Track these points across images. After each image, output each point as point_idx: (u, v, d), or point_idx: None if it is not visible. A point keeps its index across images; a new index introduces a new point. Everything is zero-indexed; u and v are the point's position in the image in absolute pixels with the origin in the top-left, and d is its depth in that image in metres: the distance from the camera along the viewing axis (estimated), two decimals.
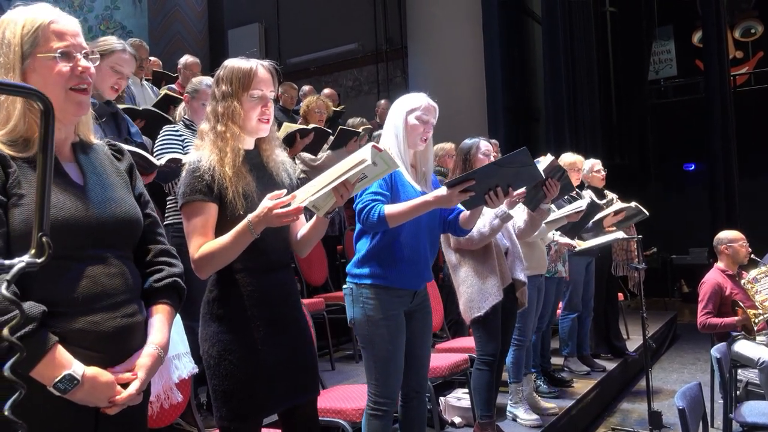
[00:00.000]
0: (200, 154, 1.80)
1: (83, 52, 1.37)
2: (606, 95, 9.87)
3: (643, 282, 4.18)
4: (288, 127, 4.41)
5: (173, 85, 5.20)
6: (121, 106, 3.09)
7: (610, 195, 5.26)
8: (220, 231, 1.75)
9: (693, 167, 10.95)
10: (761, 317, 3.86)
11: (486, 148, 3.16)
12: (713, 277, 4.23)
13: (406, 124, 2.35)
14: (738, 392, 4.48)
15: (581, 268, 4.66)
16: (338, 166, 1.66)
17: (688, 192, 10.61)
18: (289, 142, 4.08)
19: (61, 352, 1.24)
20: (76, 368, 1.25)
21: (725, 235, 4.38)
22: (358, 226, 2.36)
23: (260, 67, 1.85)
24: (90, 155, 1.47)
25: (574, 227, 3.83)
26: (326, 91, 6.28)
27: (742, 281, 4.06)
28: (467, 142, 3.18)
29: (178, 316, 2.40)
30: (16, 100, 1.32)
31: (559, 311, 4.73)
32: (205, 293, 1.82)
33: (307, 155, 4.61)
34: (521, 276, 3.20)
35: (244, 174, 1.79)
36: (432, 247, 2.45)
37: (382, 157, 1.67)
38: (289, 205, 1.64)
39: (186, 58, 5.29)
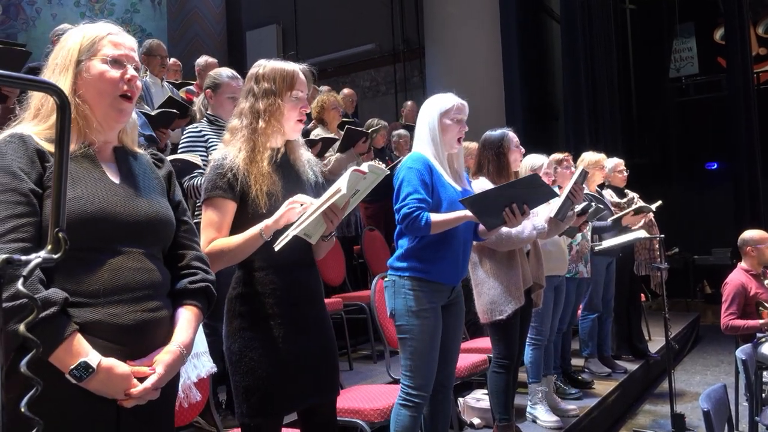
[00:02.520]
0: (227, 151, 1.82)
1: (134, 65, 1.46)
2: (626, 93, 9.76)
3: (666, 283, 4.12)
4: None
5: (192, 87, 5.22)
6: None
7: (631, 194, 5.19)
8: (240, 228, 1.77)
9: (716, 166, 10.78)
10: None
11: (517, 140, 3.15)
12: (737, 277, 4.15)
13: (441, 126, 2.41)
14: (765, 394, 4.41)
15: (602, 268, 4.60)
16: (322, 197, 1.68)
17: (710, 191, 10.44)
18: None
19: (80, 341, 1.27)
20: (93, 357, 1.27)
21: (750, 235, 4.29)
22: (399, 226, 2.43)
23: (299, 70, 1.91)
24: (131, 159, 1.52)
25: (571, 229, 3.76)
26: (345, 91, 6.27)
27: (767, 281, 3.97)
28: (493, 134, 3.14)
29: None
30: None
31: (579, 312, 4.67)
32: (228, 290, 1.83)
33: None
34: (541, 279, 3.18)
35: (271, 173, 1.81)
36: (468, 244, 2.52)
37: (370, 171, 1.68)
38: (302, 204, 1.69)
39: (205, 59, 5.32)
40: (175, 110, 3.71)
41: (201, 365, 2.34)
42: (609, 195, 5.00)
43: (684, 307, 8.76)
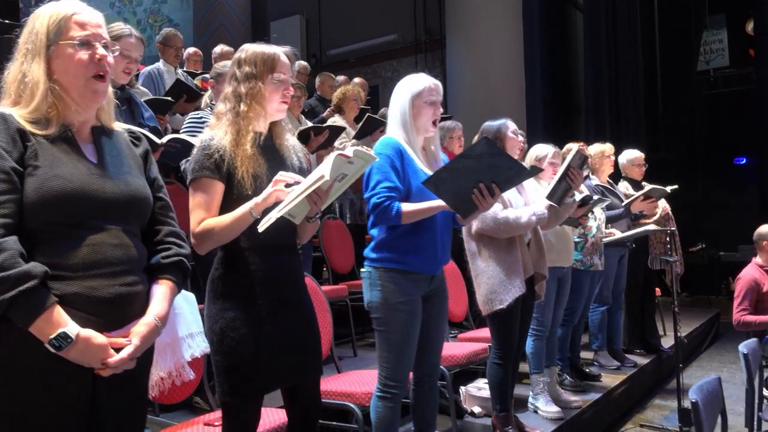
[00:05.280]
0: (213, 133, 1.86)
1: (103, 42, 1.49)
2: (652, 87, 9.57)
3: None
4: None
5: (207, 75, 5.28)
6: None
7: (648, 186, 5.11)
8: (226, 209, 1.80)
9: (744, 161, 10.53)
10: None
11: (515, 128, 3.11)
12: (750, 272, 4.08)
13: (413, 109, 2.33)
14: None
15: (614, 260, 4.54)
16: (305, 181, 1.69)
17: (738, 187, 10.20)
18: (303, 139, 4.09)
19: (59, 312, 1.33)
20: (71, 328, 1.33)
21: (766, 230, 4.20)
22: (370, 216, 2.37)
23: (281, 52, 1.92)
24: (108, 139, 1.57)
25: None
26: (356, 80, 6.28)
27: None
28: (492, 123, 3.11)
29: (193, 296, 2.48)
30: (40, 81, 1.44)
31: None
32: (210, 271, 1.87)
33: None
34: (543, 269, 3.13)
35: (257, 155, 1.84)
36: (447, 231, 2.44)
37: (356, 156, 1.68)
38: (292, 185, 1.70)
39: (221, 48, 5.39)
40: (169, 98, 3.79)
41: (195, 345, 2.38)
42: (624, 187, 4.93)
43: (707, 304, 8.60)
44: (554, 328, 3.68)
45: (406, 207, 2.23)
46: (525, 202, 3.10)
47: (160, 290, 1.52)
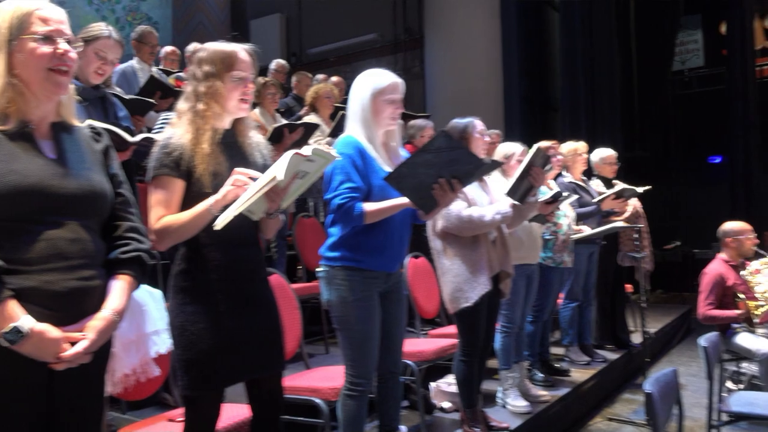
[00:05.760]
0: (173, 131, 1.88)
1: (65, 38, 1.51)
2: (628, 86, 9.70)
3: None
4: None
5: (182, 74, 5.29)
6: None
7: (620, 186, 5.19)
8: (187, 207, 1.82)
9: (718, 160, 10.70)
10: (762, 309, 3.79)
11: (482, 127, 3.14)
12: (715, 268, 4.16)
13: (374, 106, 2.34)
14: (743, 385, 4.43)
15: (584, 257, 4.61)
16: (260, 179, 1.70)
17: (712, 185, 10.37)
18: (278, 137, 4.10)
19: (13, 306, 1.35)
20: (25, 322, 1.35)
21: (731, 226, 4.30)
22: (331, 215, 2.38)
23: (242, 50, 1.94)
24: (68, 135, 1.58)
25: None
26: (334, 78, 6.31)
27: (743, 272, 3.98)
28: (459, 121, 3.13)
29: (159, 293, 2.50)
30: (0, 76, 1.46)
31: (560, 300, 4.70)
32: (173, 266, 1.89)
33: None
34: (508, 267, 3.16)
35: (217, 153, 1.87)
36: (405, 228, 2.46)
37: (316, 154, 1.71)
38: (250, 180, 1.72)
39: (194, 46, 5.37)
40: (152, 100, 3.78)
41: (161, 341, 2.39)
42: (596, 185, 5.00)
43: (680, 300, 8.73)
44: (522, 324, 3.73)
45: (369, 207, 2.25)
46: (490, 201, 3.14)
47: (118, 285, 1.54)
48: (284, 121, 4.53)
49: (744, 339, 3.90)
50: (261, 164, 1.96)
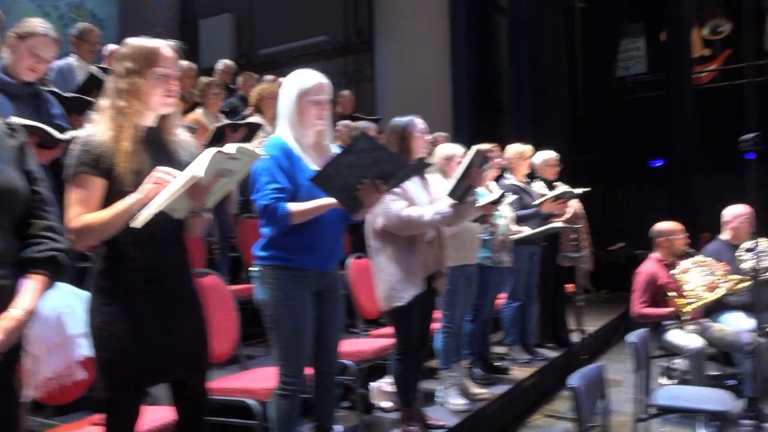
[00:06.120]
0: (93, 128, 1.85)
1: None
2: (573, 90, 9.94)
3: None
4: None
5: None
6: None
7: (562, 187, 5.31)
8: (107, 205, 1.78)
9: (659, 163, 11.06)
10: (691, 306, 3.93)
11: (423, 127, 3.18)
12: (648, 267, 4.30)
13: (299, 107, 2.35)
14: (676, 380, 4.59)
15: (525, 257, 4.70)
16: (180, 177, 1.69)
17: (654, 188, 10.71)
18: (220, 137, 4.06)
19: None
20: None
21: (663, 226, 4.45)
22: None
23: (165, 46, 1.91)
24: None
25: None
26: (280, 79, 6.25)
27: (673, 271, 4.13)
28: (400, 120, 3.17)
29: (87, 294, 2.44)
30: None
31: (503, 300, 4.78)
32: (92, 266, 1.85)
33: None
34: (443, 266, 3.21)
35: (139, 151, 1.83)
36: (338, 228, 2.47)
37: (241, 153, 1.70)
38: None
39: (113, 46, 5.29)
40: (90, 99, 3.70)
41: (85, 345, 2.35)
42: (538, 187, 5.11)
43: (623, 300, 8.96)
44: (462, 324, 3.78)
45: (295, 207, 2.27)
46: (431, 200, 3.18)
47: (30, 284, 1.51)
48: (227, 121, 4.49)
49: (674, 335, 4.04)
50: (187, 162, 1.92)
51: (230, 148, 1.69)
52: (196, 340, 1.92)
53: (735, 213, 4.45)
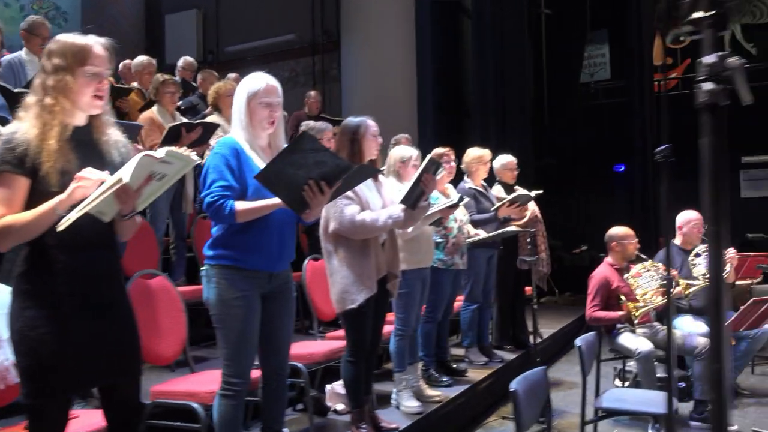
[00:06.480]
0: (19, 125, 1.79)
1: None
2: (539, 95, 10.06)
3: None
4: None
5: None
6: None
7: (521, 191, 5.37)
8: (32, 206, 1.73)
9: (622, 168, 11.25)
10: (641, 310, 4.00)
11: (375, 129, 3.18)
12: (602, 271, 4.37)
13: (249, 109, 2.36)
14: (629, 383, 4.67)
15: (482, 260, 4.74)
16: (108, 180, 1.66)
17: (617, 193, 10.89)
18: (175, 137, 4.01)
19: None
20: None
21: (615, 231, 4.52)
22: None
23: (97, 43, 1.86)
24: None
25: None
26: (231, 75, 6.22)
27: (625, 276, 4.20)
28: (352, 120, 3.17)
29: None
30: None
31: (460, 303, 4.81)
32: (14, 268, 1.80)
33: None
34: (396, 269, 3.23)
35: (66, 150, 1.78)
36: (287, 228, 2.47)
37: (172, 157, 1.67)
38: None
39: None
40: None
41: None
42: (497, 191, 5.15)
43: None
44: (417, 326, 3.79)
45: (241, 205, 2.26)
46: (383, 204, 3.18)
47: None
48: (184, 120, 4.43)
49: (626, 339, 4.11)
50: (118, 163, 1.89)
51: (160, 152, 1.66)
52: (124, 345, 1.88)
53: (685, 219, 4.55)
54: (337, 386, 3.70)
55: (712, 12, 1.03)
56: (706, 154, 0.95)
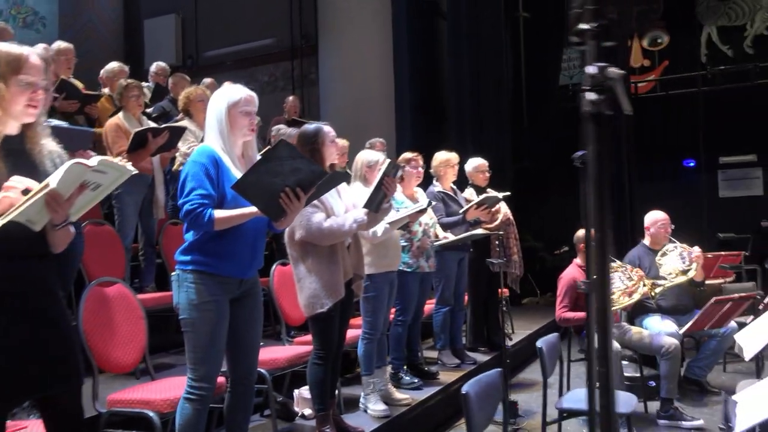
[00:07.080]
0: None
1: None
2: (516, 97, 10.11)
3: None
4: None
5: None
6: None
7: (493, 193, 5.39)
8: None
9: None
10: None
11: (333, 134, 3.20)
12: (571, 272, 4.40)
13: (229, 118, 2.42)
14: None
15: (453, 263, 4.75)
16: (35, 187, 1.64)
17: None
18: (141, 142, 3.99)
19: None
20: None
21: (583, 233, 4.55)
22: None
23: (33, 54, 1.86)
24: None
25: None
26: (207, 80, 6.21)
27: None
28: (308, 128, 3.20)
29: None
30: None
31: (432, 305, 4.82)
32: None
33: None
34: (361, 270, 3.29)
35: None
36: (258, 236, 2.52)
37: (106, 166, 1.67)
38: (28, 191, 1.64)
39: None
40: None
41: None
42: (469, 194, 5.17)
43: None
44: (385, 330, 3.80)
45: (219, 214, 2.31)
46: (346, 209, 3.20)
47: None
48: (152, 125, 4.42)
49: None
50: (52, 173, 1.89)
51: (93, 160, 1.65)
52: (62, 355, 1.86)
53: (653, 219, 4.60)
54: (305, 391, 3.70)
55: (595, 24, 1.05)
56: (591, 163, 0.96)
